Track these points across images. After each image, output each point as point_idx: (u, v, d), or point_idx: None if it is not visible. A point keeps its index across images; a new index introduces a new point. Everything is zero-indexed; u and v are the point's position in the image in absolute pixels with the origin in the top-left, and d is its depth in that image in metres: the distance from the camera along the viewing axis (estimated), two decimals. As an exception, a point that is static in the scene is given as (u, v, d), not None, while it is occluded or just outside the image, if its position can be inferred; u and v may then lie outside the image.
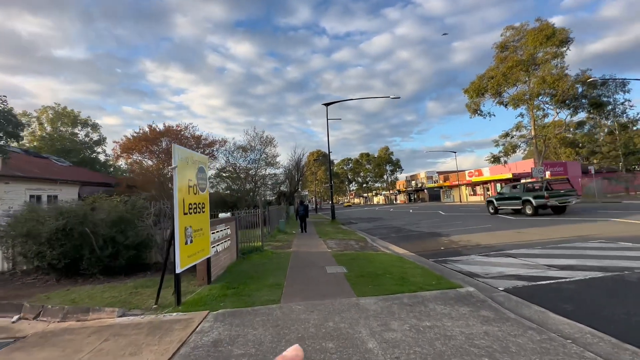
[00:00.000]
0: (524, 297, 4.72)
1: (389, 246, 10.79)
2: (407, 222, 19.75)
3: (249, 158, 23.57)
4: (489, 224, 14.73)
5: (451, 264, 7.27)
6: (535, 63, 29.38)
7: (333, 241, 11.93)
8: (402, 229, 16.03)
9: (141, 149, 21.15)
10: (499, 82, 29.69)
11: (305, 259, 8.29)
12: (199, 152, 25.41)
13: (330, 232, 15.45)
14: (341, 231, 15.81)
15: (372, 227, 18.46)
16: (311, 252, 9.32)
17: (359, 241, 11.82)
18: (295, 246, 10.84)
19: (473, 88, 32.39)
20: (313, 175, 70.66)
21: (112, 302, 5.29)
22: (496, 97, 33.27)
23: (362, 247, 10.29)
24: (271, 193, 25.30)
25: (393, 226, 17.73)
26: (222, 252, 6.88)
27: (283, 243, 11.59)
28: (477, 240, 10.38)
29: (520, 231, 11.68)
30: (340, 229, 17.04)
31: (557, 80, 25.84)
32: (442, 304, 4.40)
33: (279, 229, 14.99)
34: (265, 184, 24.73)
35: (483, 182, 51.19)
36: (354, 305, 4.40)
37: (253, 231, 10.18)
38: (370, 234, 14.78)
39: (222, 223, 7.04)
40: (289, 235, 14.34)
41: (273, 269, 7.05)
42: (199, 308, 4.44)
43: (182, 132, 23.01)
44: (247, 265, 7.61)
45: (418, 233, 13.78)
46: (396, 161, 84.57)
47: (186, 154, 5.27)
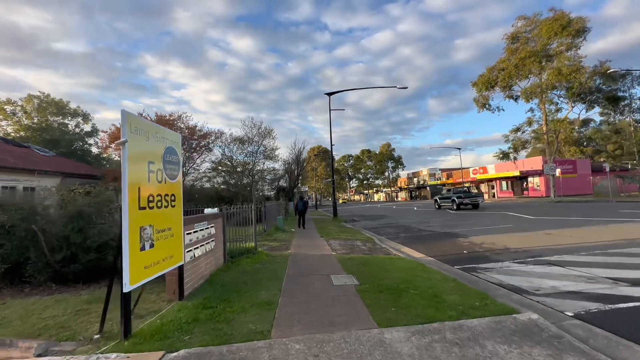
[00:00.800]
0: (612, 330, 3.38)
1: (401, 248, 9.45)
2: (414, 220, 18.41)
3: (247, 151, 22.19)
4: (510, 224, 13.38)
5: (484, 274, 5.93)
6: (548, 55, 27.89)
7: (337, 241, 10.59)
8: (411, 228, 14.68)
9: (130, 139, 19.80)
10: (511, 74, 28.20)
11: (305, 264, 6.95)
12: (193, 144, 23.88)
13: (332, 230, 14.12)
14: (345, 230, 14.48)
15: (377, 225, 17.13)
16: (312, 255, 7.98)
17: (366, 242, 10.49)
18: (295, 247, 9.50)
19: (482, 81, 30.90)
20: (313, 171, 69.29)
21: (49, 325, 3.95)
22: (506, 90, 31.81)
23: (370, 250, 8.95)
24: (270, 188, 23.98)
25: (400, 225, 16.40)
26: (202, 256, 5.54)
27: (280, 243, 10.25)
28: (503, 243, 9.03)
29: (550, 232, 10.33)
30: (344, 228, 15.70)
31: (574, 72, 24.37)
32: (502, 342, 3.05)
33: (276, 227, 13.66)
34: (263, 179, 23.38)
35: (488, 179, 49.84)
36: (378, 342, 3.05)
37: (246, 229, 8.85)
38: (377, 233, 13.45)
39: (203, 221, 5.68)
40: (288, 233, 13.01)
41: (266, 278, 5.71)
42: (154, 344, 3.10)
43: (175, 121, 21.60)
44: (235, 272, 6.26)
45: (430, 233, 12.44)
46: (398, 158, 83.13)
47: (145, 125, 3.89)
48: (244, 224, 12.24)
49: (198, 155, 24.82)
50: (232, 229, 7.88)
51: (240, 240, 8.13)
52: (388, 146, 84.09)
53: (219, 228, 6.67)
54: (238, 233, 8.17)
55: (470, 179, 52.64)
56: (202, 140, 24.49)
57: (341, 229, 14.71)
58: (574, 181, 38.28)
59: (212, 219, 6.18)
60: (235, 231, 8.05)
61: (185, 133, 23.50)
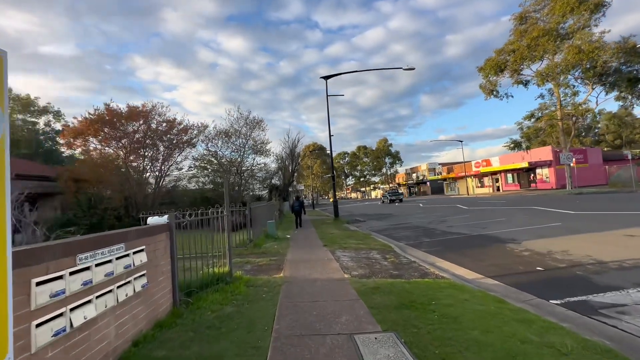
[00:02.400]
0: None
1: (437, 262, 6.87)
2: (427, 219, 15.87)
3: (235, 145, 19.45)
4: (554, 221, 10.88)
5: (617, 320, 3.35)
6: (559, 35, 25.51)
7: (346, 253, 7.97)
8: (431, 229, 12.13)
9: (96, 133, 16.91)
10: (522, 56, 25.78)
11: (306, 304, 4.31)
12: (173, 140, 21.06)
13: (337, 235, 11.50)
14: (351, 234, 11.87)
15: (387, 226, 14.55)
16: (316, 282, 5.35)
17: (385, 252, 7.89)
18: (290, 266, 6.85)
19: (490, 65, 28.45)
20: (309, 170, 66.65)
21: None
22: (514, 75, 29.44)
23: (397, 266, 6.35)
24: (261, 187, 21.34)
25: (415, 225, 13.83)
26: (109, 314, 2.87)
27: (270, 259, 7.57)
28: (581, 251, 6.49)
29: (631, 234, 7.81)
30: (349, 231, 13.10)
31: (597, 49, 22.04)
32: None
33: (267, 234, 10.98)
34: (253, 176, 20.69)
35: (492, 172, 47.61)
36: None
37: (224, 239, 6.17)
38: (391, 237, 10.87)
39: (113, 244, 3.00)
40: (281, 242, 10.34)
41: (235, 346, 3.06)
42: None
43: (150, 113, 18.79)
44: (184, 330, 3.60)
45: (460, 236, 9.88)
46: (395, 153, 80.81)
47: None
48: (237, 228, 9.56)
49: (179, 152, 22.07)
50: (200, 239, 5.21)
51: (215, 257, 5.44)
52: (385, 141, 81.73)
53: (162, 250, 4.00)
54: (206, 247, 5.49)
55: (474, 172, 50.40)
56: (183, 134, 21.73)
57: (347, 233, 12.10)
58: (586, 171, 36.14)
59: (140, 237, 3.51)
60: (200, 245, 5.36)
61: (163, 127, 20.74)
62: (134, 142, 20.10)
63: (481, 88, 31.50)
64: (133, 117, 18.29)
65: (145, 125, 20.37)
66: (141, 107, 18.35)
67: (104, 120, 16.63)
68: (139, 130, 19.90)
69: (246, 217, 9.29)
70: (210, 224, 5.56)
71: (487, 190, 49.70)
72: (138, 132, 19.96)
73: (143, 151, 20.01)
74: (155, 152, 21.36)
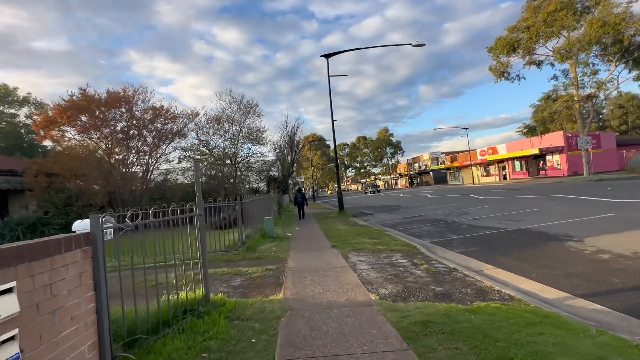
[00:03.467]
0: None
1: (483, 268, 5.24)
2: (444, 211, 14.23)
3: (228, 133, 17.66)
4: (603, 212, 9.21)
5: None
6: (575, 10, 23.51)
7: (362, 257, 6.31)
8: (454, 223, 10.48)
9: (71, 121, 15.09)
10: (538, 32, 23.79)
11: (322, 358, 2.64)
12: (162, 129, 19.29)
13: (346, 233, 9.84)
14: (361, 230, 10.22)
15: (400, 220, 12.92)
16: (331, 309, 3.68)
17: (411, 255, 6.25)
18: (292, 279, 5.18)
19: (502, 44, 26.44)
20: (309, 162, 64.85)
21: None
22: (525, 55, 27.48)
23: (435, 278, 4.70)
24: (258, 178, 19.63)
25: (432, 218, 12.19)
26: None
27: (266, 269, 5.88)
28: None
29: None
30: (358, 226, 11.45)
31: (623, 21, 20.10)
32: None
33: (263, 232, 9.29)
34: (249, 167, 18.95)
35: (498, 160, 45.89)
36: None
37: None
38: (410, 234, 9.23)
39: None
40: (281, 242, 8.67)
41: None
42: None
43: (132, 99, 16.94)
44: None
45: (495, 232, 8.24)
46: (397, 143, 78.91)
47: None
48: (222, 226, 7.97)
49: (169, 142, 20.29)
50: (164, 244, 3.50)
51: (186, 268, 3.74)
52: (386, 131, 79.76)
53: (74, 280, 2.32)
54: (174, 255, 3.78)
55: (480, 160, 48.69)
56: (172, 123, 19.90)
57: (356, 230, 10.45)
58: (599, 157, 34.43)
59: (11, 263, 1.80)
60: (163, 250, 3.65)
61: (148, 114, 18.90)
62: (116, 132, 18.31)
63: (491, 70, 29.56)
64: (114, 104, 16.44)
65: (128, 113, 18.57)
66: (121, 92, 16.45)
67: (79, 107, 14.77)
68: (122, 118, 18.10)
69: (242, 213, 7.61)
70: (187, 223, 3.87)
71: (493, 179, 48.07)
72: (121, 120, 18.17)
73: (127, 142, 18.23)
74: (142, 143, 19.62)
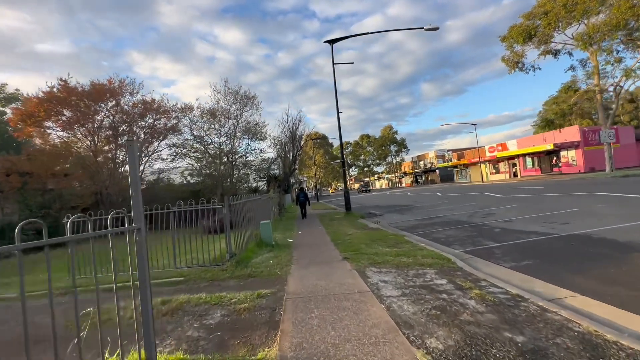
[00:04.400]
0: None
1: (561, 296, 3.70)
2: (463, 211, 12.70)
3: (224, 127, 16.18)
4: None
5: None
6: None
7: (385, 275, 4.81)
8: (482, 226, 8.96)
9: (50, 115, 13.67)
10: (557, 17, 22.10)
11: None
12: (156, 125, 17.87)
13: (357, 238, 8.33)
14: (375, 235, 8.70)
15: (416, 221, 11.41)
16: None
17: (448, 272, 4.74)
18: (292, 315, 3.68)
19: (517, 31, 24.77)
20: (311, 160, 63.35)
21: None
22: (542, 43, 25.78)
23: (504, 317, 3.17)
24: (257, 177, 18.13)
25: (454, 220, 10.66)
26: None
27: (257, 297, 4.27)
28: None
29: None
30: (370, 230, 9.93)
31: (655, 1, 18.45)
32: None
33: (259, 240, 7.79)
34: (247, 165, 17.47)
35: (508, 157, 44.14)
36: None
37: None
38: (434, 240, 7.72)
39: None
40: (279, 252, 7.16)
41: None
42: None
43: (118, 91, 15.50)
44: None
45: (542, 238, 6.71)
46: (401, 141, 77.16)
47: None
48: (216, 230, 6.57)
49: (162, 139, 18.88)
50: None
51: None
52: (390, 129, 78.04)
53: None
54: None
55: (489, 157, 46.94)
56: (164, 118, 18.47)
57: (369, 234, 8.93)
58: (618, 152, 32.63)
59: None
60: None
61: (138, 109, 17.46)
62: (103, 127, 16.91)
63: (504, 61, 27.90)
64: (98, 96, 15.03)
65: (117, 107, 17.19)
66: (106, 83, 15.03)
67: (57, 99, 13.35)
68: (110, 112, 16.71)
69: (239, 216, 6.15)
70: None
71: (503, 177, 46.36)
72: (108, 115, 16.77)
73: (114, 138, 16.84)
74: (135, 140, 18.22)
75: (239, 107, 16.14)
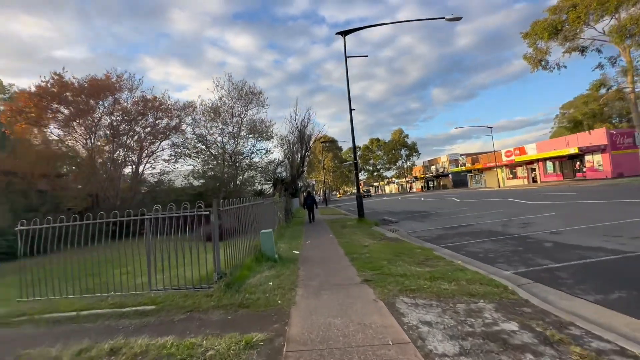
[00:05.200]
0: None
1: None
2: (491, 218, 11.20)
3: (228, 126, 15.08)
4: None
5: None
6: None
7: (424, 309, 3.45)
8: (525, 239, 7.50)
9: (42, 111, 12.78)
10: (588, 10, 20.49)
11: None
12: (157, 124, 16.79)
13: (376, 251, 6.96)
14: (398, 248, 7.32)
15: (438, 231, 9.98)
16: None
17: (515, 310, 3.35)
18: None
19: (542, 27, 23.20)
20: (320, 164, 62.16)
21: None
22: (566, 41, 24.11)
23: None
24: (263, 179, 16.91)
25: (484, 230, 9.20)
26: None
27: (243, 348, 3.05)
28: None
29: None
30: (388, 240, 8.55)
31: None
32: None
33: (259, 253, 6.47)
34: (252, 166, 16.31)
35: (527, 161, 42.01)
36: None
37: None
38: (471, 256, 6.31)
39: None
40: (283, 270, 5.84)
41: None
42: None
43: (116, 86, 14.57)
44: None
45: (620, 257, 5.26)
46: (412, 145, 75.35)
47: None
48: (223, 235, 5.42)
49: (163, 138, 17.91)
50: None
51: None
52: (400, 132, 76.34)
53: None
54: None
55: (507, 161, 44.91)
56: (167, 118, 17.50)
57: (389, 246, 7.56)
58: (646, 157, 30.48)
59: None
60: None
61: (139, 106, 16.51)
62: (104, 126, 16.02)
63: (526, 59, 26.30)
64: (96, 92, 14.13)
65: (117, 104, 16.30)
66: (104, 78, 14.11)
67: (50, 93, 12.45)
68: (108, 110, 15.82)
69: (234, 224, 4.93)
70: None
71: (521, 182, 44.20)
72: (106, 112, 15.89)
73: (114, 138, 15.92)
74: (134, 139, 17.29)
75: (243, 104, 15.07)
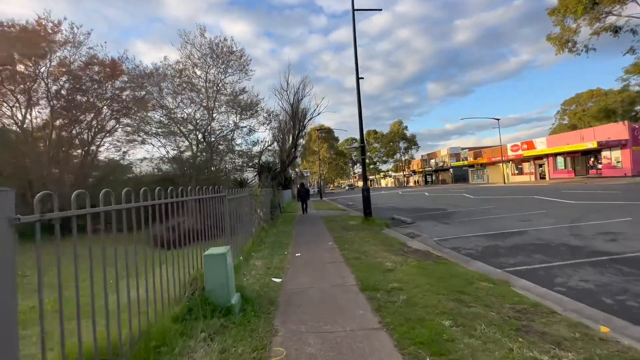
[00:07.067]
0: None
1: None
2: (543, 222, 8.28)
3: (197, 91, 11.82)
4: None
5: None
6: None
7: None
8: None
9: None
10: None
11: None
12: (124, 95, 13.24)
13: (415, 288, 3.94)
14: (450, 280, 4.32)
15: (485, 241, 7.02)
16: None
17: None
18: None
19: (574, 1, 20.20)
20: (315, 155, 58.98)
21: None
22: (593, 22, 21.24)
23: None
24: (246, 165, 13.64)
25: (554, 241, 6.26)
26: None
27: None
28: None
29: None
30: (423, 260, 5.53)
31: None
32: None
33: (199, 298, 3.33)
34: (231, 149, 13.10)
35: (536, 156, 39.44)
36: None
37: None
38: (577, 297, 3.33)
39: None
40: (240, 340, 2.85)
41: None
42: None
43: (50, 36, 11.14)
44: None
45: None
46: (411, 137, 72.52)
47: None
48: None
49: (123, 114, 14.53)
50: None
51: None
52: (399, 124, 73.37)
53: None
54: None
55: (514, 156, 42.31)
56: (135, 86, 14.08)
57: (429, 273, 4.56)
58: (674, 154, 28.08)
59: None
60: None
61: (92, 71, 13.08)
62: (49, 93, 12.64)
63: (550, 40, 23.37)
64: (26, 45, 10.69)
65: (64, 68, 12.89)
66: (36, 26, 10.67)
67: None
68: (52, 73, 12.42)
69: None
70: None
71: (527, 178, 41.75)
72: (49, 76, 12.49)
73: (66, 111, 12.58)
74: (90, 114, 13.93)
75: (221, 69, 11.74)
